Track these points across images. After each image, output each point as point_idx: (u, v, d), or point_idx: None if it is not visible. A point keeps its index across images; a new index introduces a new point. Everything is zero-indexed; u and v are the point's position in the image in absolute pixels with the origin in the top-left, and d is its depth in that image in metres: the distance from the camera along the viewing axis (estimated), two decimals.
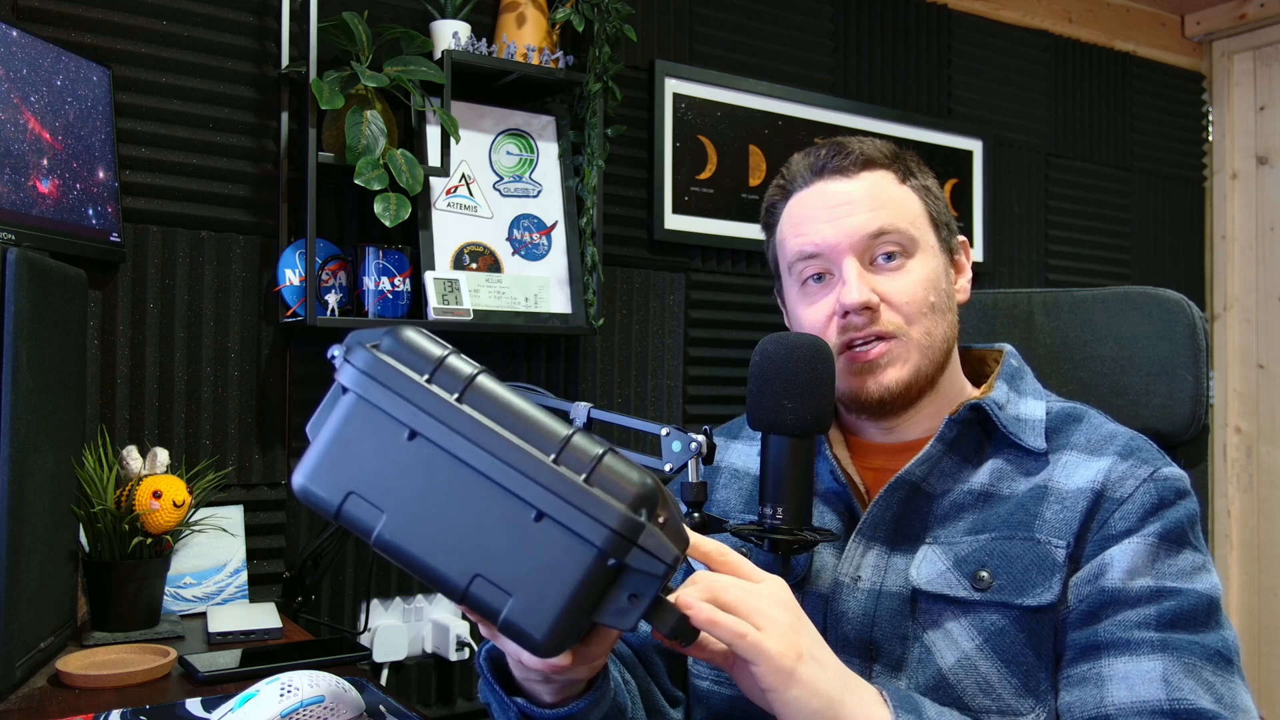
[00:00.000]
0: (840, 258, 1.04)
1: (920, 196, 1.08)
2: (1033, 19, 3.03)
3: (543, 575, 0.66)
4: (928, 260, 1.05)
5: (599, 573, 0.66)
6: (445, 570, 0.67)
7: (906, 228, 1.04)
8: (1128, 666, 0.89)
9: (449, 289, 1.88)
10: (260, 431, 1.86)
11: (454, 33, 1.93)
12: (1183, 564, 0.94)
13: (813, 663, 0.79)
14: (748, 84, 2.45)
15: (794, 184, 1.10)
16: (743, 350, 2.39)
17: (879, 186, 1.06)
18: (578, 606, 0.66)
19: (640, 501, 0.67)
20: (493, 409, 0.69)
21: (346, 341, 0.72)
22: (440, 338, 0.75)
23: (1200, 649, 0.89)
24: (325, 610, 1.91)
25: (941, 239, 1.09)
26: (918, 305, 1.03)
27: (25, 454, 1.21)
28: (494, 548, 0.67)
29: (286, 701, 0.98)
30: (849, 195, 1.05)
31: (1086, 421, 1.04)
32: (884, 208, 1.04)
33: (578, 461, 0.67)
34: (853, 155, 1.06)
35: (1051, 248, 3.02)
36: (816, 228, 1.06)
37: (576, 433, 0.69)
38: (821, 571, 1.03)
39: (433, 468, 0.68)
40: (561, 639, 0.67)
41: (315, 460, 0.70)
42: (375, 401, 0.69)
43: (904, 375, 1.03)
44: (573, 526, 0.66)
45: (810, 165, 1.09)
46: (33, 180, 1.52)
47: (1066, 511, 0.97)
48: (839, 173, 1.07)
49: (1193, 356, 1.22)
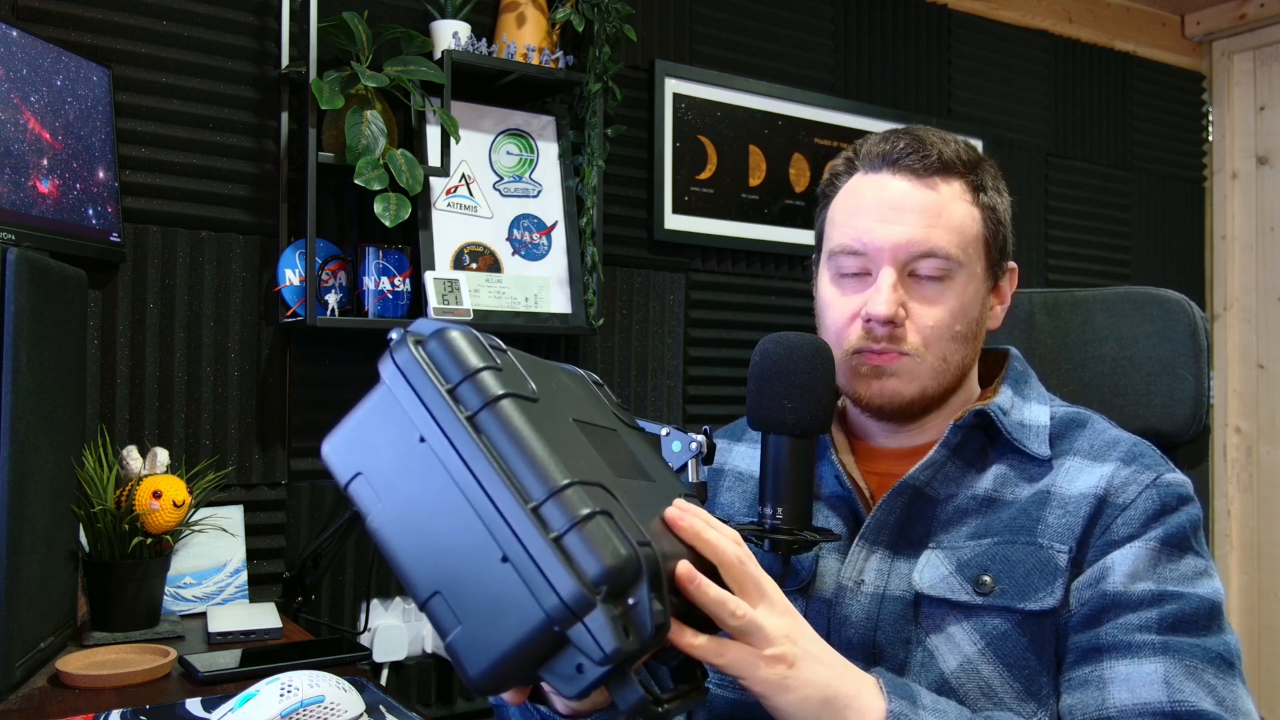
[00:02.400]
0: (881, 262, 1.01)
1: (984, 218, 1.04)
2: (1033, 19, 3.03)
3: (493, 616, 0.65)
4: (967, 287, 1.02)
5: (545, 635, 0.64)
6: (413, 577, 0.67)
7: (956, 253, 1.01)
8: (1129, 669, 0.89)
9: (449, 289, 1.88)
10: (260, 431, 1.86)
11: (454, 33, 1.93)
12: (1184, 569, 0.94)
13: (806, 662, 0.80)
14: (748, 84, 2.45)
15: (862, 163, 1.06)
16: (743, 350, 2.39)
17: (944, 200, 1.01)
18: (518, 659, 0.64)
19: (605, 578, 0.63)
20: (501, 437, 0.67)
21: (409, 329, 0.73)
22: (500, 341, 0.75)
23: (1202, 652, 0.89)
24: (325, 610, 1.91)
25: (989, 265, 1.05)
26: (941, 332, 1.01)
27: (25, 454, 1.21)
28: (459, 573, 0.66)
29: (286, 701, 0.98)
30: (910, 201, 1.01)
31: (1090, 427, 1.04)
32: (940, 226, 1.00)
33: (560, 516, 0.64)
34: (930, 158, 1.02)
35: (1051, 248, 3.02)
36: (867, 224, 1.02)
37: (575, 486, 0.66)
38: (825, 576, 1.03)
39: (430, 476, 0.68)
40: (496, 683, 0.66)
41: (341, 434, 0.72)
42: (399, 398, 0.70)
43: (908, 392, 1.02)
44: (529, 581, 0.63)
45: (884, 153, 1.04)
46: (33, 180, 1.52)
47: (1069, 516, 0.96)
48: (910, 171, 1.02)
49: (1193, 356, 1.22)
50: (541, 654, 0.65)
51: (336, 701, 1.02)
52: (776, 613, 0.80)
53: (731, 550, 0.78)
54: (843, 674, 0.82)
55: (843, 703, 0.80)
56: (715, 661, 0.77)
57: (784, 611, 0.81)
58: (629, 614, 0.65)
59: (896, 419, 1.06)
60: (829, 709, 0.80)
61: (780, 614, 0.81)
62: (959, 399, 1.08)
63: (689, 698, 0.78)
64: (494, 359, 0.71)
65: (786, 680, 0.79)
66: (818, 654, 0.82)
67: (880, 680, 0.84)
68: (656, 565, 0.67)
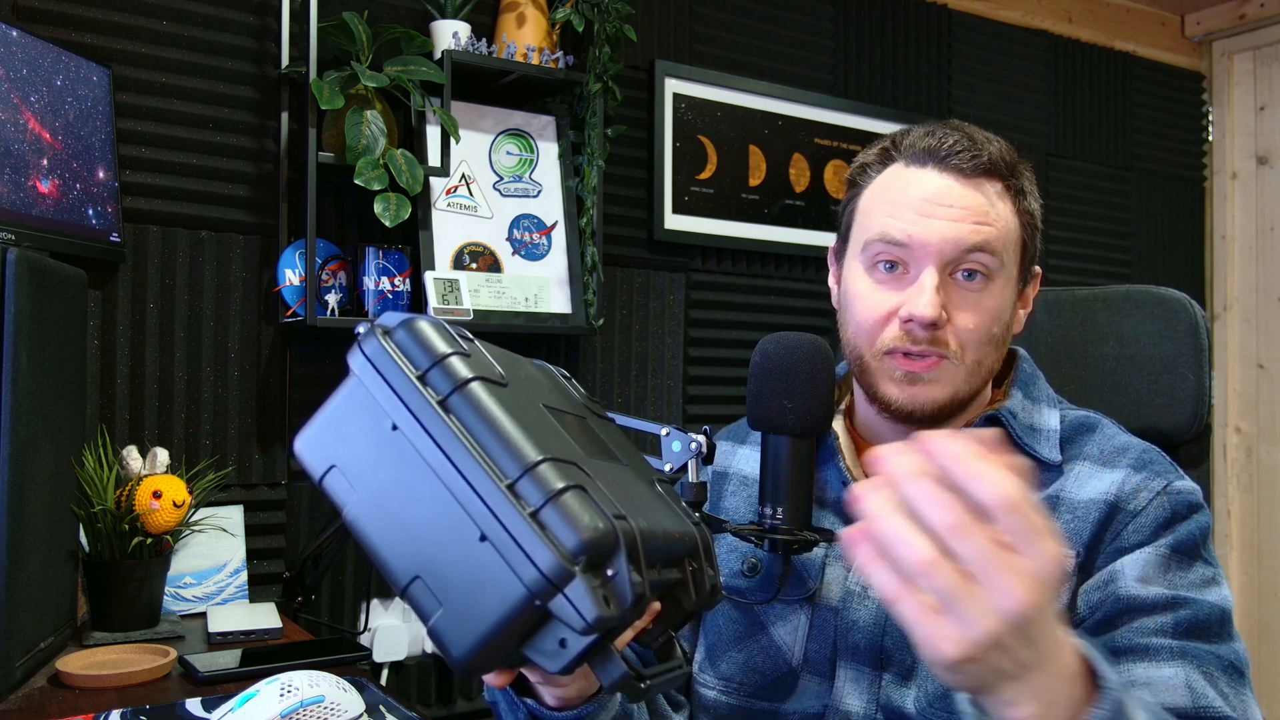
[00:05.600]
0: (925, 260, 0.97)
1: (1021, 222, 1.02)
2: (1033, 19, 3.03)
3: (474, 596, 0.65)
4: (1005, 289, 1.01)
5: (527, 610, 0.64)
6: (393, 563, 0.67)
7: (1001, 251, 0.99)
8: (1148, 672, 0.88)
9: (449, 289, 1.88)
10: (260, 431, 1.86)
11: (454, 33, 1.93)
12: (1195, 576, 0.93)
13: (1032, 673, 0.59)
14: (748, 84, 2.45)
15: (902, 154, 1.02)
16: (743, 350, 2.39)
17: (989, 200, 0.99)
18: (501, 636, 0.65)
19: (583, 549, 0.63)
20: (473, 419, 0.67)
21: (375, 322, 0.73)
22: (468, 332, 0.75)
23: (1216, 659, 0.88)
24: (325, 610, 1.91)
25: (1022, 269, 1.04)
26: (981, 334, 0.99)
27: (25, 454, 1.21)
28: (438, 556, 0.66)
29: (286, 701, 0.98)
30: (960, 198, 0.98)
31: (1100, 432, 1.03)
32: (989, 224, 0.98)
33: (535, 491, 0.64)
34: (981, 158, 0.99)
35: (1052, 248, 3.02)
36: (912, 218, 0.98)
37: (549, 462, 0.66)
38: (832, 582, 1.03)
39: (404, 463, 0.68)
40: (480, 663, 0.66)
41: (313, 429, 0.72)
42: (369, 388, 0.70)
43: (942, 397, 0.99)
44: (508, 558, 0.64)
45: (930, 147, 1.00)
46: (33, 180, 1.52)
47: (1077, 521, 0.96)
48: (958, 170, 0.99)
49: (1194, 356, 1.22)
50: (524, 630, 0.65)
51: (336, 701, 1.02)
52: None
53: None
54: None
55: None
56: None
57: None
58: (608, 584, 0.65)
59: (924, 424, 1.02)
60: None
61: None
62: (974, 404, 1.07)
63: (670, 674, 0.78)
64: (461, 345, 0.72)
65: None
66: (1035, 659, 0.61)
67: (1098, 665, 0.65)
68: (634, 538, 0.67)
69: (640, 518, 0.71)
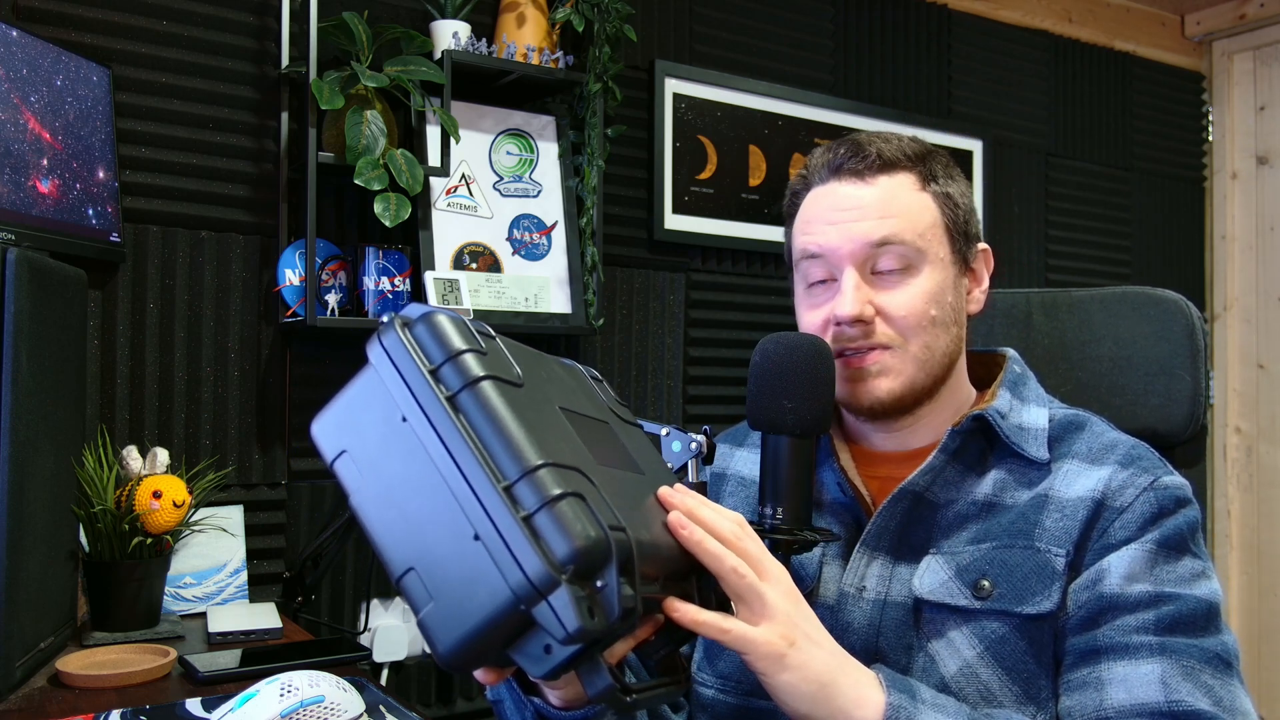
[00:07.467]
0: (841, 264, 1.02)
1: (939, 204, 1.05)
2: (1033, 19, 3.04)
3: (463, 593, 0.65)
4: (934, 273, 1.03)
5: (511, 613, 0.64)
6: (390, 553, 0.68)
7: (913, 239, 1.02)
8: (1126, 670, 0.89)
9: (449, 289, 1.88)
10: (260, 431, 1.86)
11: (454, 33, 1.93)
12: (1182, 570, 0.94)
13: (807, 645, 0.81)
14: (748, 84, 2.45)
15: (813, 178, 1.08)
16: (743, 350, 2.39)
17: (893, 193, 1.03)
18: (486, 636, 0.65)
19: (573, 558, 0.63)
20: (479, 417, 0.68)
21: (399, 312, 0.75)
22: (490, 330, 0.76)
23: (1199, 652, 0.89)
24: (325, 610, 1.91)
25: (956, 250, 1.06)
26: (916, 319, 1.01)
27: (25, 454, 1.22)
28: (433, 550, 0.67)
29: (286, 701, 0.98)
30: (858, 200, 1.03)
31: (1089, 429, 1.04)
32: (893, 216, 1.01)
33: (532, 495, 0.65)
34: (870, 158, 1.03)
35: (1051, 248, 3.02)
36: (822, 229, 1.04)
37: (549, 467, 0.66)
38: (828, 583, 1.03)
39: (410, 455, 0.69)
40: (465, 660, 0.66)
41: (329, 413, 0.74)
42: (384, 378, 0.71)
43: (896, 387, 1.02)
44: (497, 559, 0.64)
45: (828, 162, 1.06)
46: (33, 180, 1.52)
47: (1066, 520, 0.96)
48: (854, 175, 1.04)
49: (1191, 357, 1.22)
50: (510, 633, 0.65)
51: (336, 701, 1.02)
52: (780, 591, 0.81)
53: (728, 526, 0.80)
54: (843, 663, 0.83)
55: (841, 689, 0.82)
56: (720, 635, 0.78)
57: (788, 593, 0.82)
58: (596, 596, 0.65)
59: (890, 416, 1.05)
60: (826, 694, 0.81)
61: (784, 594, 0.82)
62: (954, 398, 1.08)
63: (662, 690, 0.78)
64: (479, 343, 0.72)
65: (786, 658, 0.80)
66: (819, 640, 0.83)
67: (880, 674, 0.85)
68: (629, 550, 0.67)
69: (643, 530, 0.71)
